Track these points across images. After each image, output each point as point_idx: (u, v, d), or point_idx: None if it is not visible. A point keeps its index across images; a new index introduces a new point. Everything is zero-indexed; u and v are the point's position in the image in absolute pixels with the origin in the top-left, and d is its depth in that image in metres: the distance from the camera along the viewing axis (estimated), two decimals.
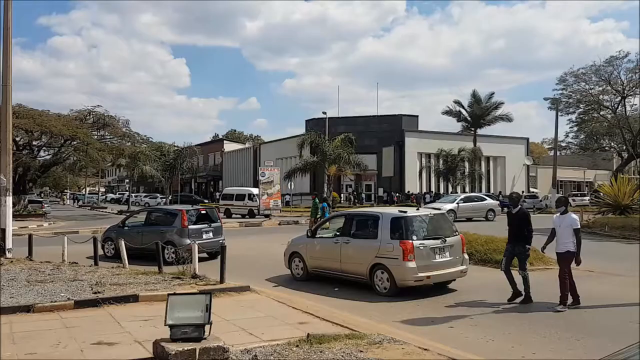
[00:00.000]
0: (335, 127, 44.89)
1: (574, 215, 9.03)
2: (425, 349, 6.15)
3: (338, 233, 11.41)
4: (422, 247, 9.83)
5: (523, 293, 9.31)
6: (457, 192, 46.12)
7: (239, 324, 7.55)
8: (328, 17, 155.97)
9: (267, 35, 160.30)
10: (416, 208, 11.82)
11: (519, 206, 9.66)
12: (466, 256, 10.86)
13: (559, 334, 7.33)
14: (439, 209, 24.01)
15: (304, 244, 11.98)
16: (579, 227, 8.93)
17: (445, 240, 10.21)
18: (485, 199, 33.48)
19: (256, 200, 36.32)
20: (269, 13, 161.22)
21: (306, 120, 55.21)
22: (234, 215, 36.07)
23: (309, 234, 12.08)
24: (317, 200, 20.89)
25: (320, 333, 6.65)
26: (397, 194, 45.45)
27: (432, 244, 10.01)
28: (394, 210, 10.96)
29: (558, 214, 9.24)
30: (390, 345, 6.29)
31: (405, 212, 10.51)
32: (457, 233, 10.76)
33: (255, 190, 37.27)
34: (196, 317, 5.58)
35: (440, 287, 10.53)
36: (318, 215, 19.86)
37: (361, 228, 11.02)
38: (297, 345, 6.16)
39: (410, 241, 9.77)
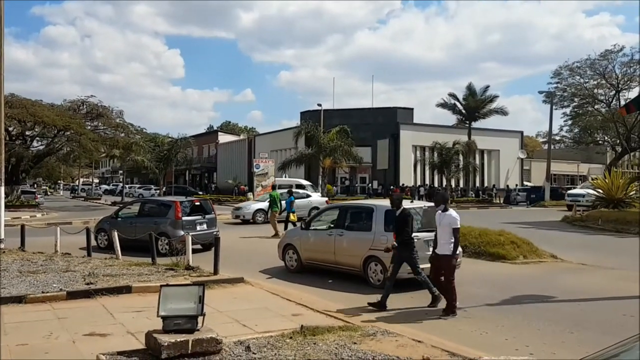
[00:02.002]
0: (331, 120, 44.77)
1: (454, 214, 8.16)
2: (419, 341, 6.15)
3: (332, 225, 11.41)
4: (415, 240, 9.81)
5: (436, 294, 8.53)
6: (451, 185, 46.28)
7: (232, 316, 7.53)
8: (324, 9, 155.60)
9: (262, 27, 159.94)
10: (410, 201, 11.80)
11: (401, 208, 8.95)
12: (460, 249, 10.83)
13: (553, 327, 7.35)
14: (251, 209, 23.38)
15: (298, 236, 11.98)
16: (459, 226, 8.08)
17: None
18: (310, 195, 28.72)
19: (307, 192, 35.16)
20: (264, 5, 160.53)
21: (301, 113, 55.13)
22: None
23: (303, 226, 12.06)
24: (275, 193, 20.12)
25: (314, 325, 6.63)
26: (397, 186, 45.39)
27: (425, 237, 9.99)
28: (388, 203, 10.95)
29: (439, 212, 8.36)
30: (383, 337, 6.29)
31: None
32: None
33: (303, 181, 35.65)
34: (189, 309, 5.55)
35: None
36: (275, 209, 19.30)
37: (355, 220, 11.04)
38: (291, 337, 6.14)
39: None
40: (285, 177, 39.20)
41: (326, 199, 30.20)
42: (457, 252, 8.28)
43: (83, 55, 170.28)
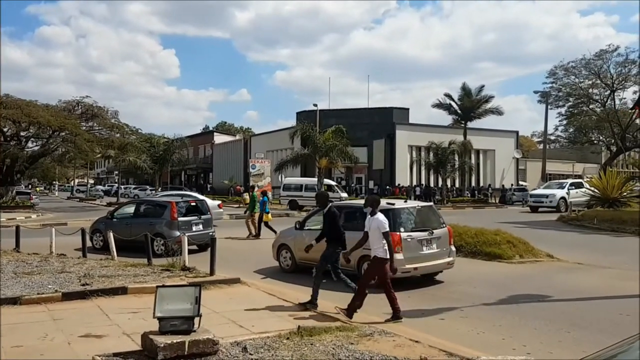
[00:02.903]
0: (327, 120, 44.74)
1: (382, 217, 7.88)
2: (416, 341, 6.13)
3: None
4: (409, 239, 9.89)
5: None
6: (447, 185, 46.30)
7: (228, 316, 7.50)
8: (320, 9, 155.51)
9: (258, 26, 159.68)
10: (404, 200, 11.81)
11: (328, 205, 8.79)
12: (453, 248, 10.94)
13: (549, 326, 7.35)
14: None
15: (292, 236, 11.97)
16: (387, 230, 7.73)
17: (433, 232, 10.30)
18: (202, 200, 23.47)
19: (337, 192, 34.51)
20: (260, 4, 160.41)
21: (297, 113, 55.09)
22: (305, 208, 33.71)
23: (297, 226, 12.06)
24: (254, 194, 20.00)
25: (310, 325, 6.62)
26: (396, 186, 45.33)
27: (419, 236, 10.07)
28: (382, 203, 10.97)
29: (369, 216, 8.07)
30: (381, 337, 6.28)
31: (393, 204, 10.54)
32: (444, 225, 10.85)
33: (332, 182, 35.55)
34: (185, 310, 5.53)
35: (428, 279, 10.60)
36: (255, 210, 19.04)
37: (349, 220, 11.01)
38: (288, 338, 6.12)
39: (398, 233, 9.82)
40: (281, 178, 39.13)
41: (219, 202, 26.62)
42: (398, 258, 7.96)
43: (78, 55, 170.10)
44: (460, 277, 10.85)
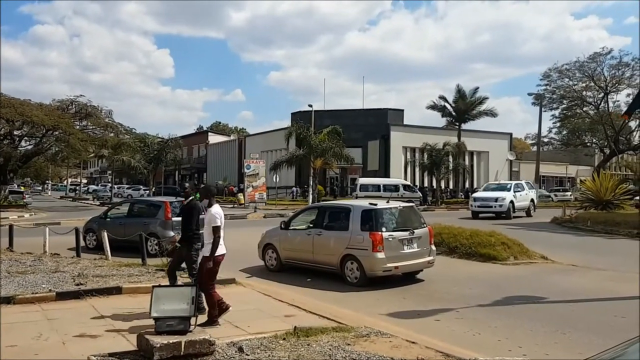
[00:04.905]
0: (321, 120, 44.77)
1: (214, 210, 7.14)
2: (413, 342, 6.12)
3: (311, 225, 11.54)
4: (391, 239, 10.03)
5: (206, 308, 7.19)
6: (441, 186, 46.38)
7: (224, 317, 7.46)
8: (314, 9, 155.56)
9: (252, 26, 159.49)
10: (386, 200, 11.84)
11: (190, 197, 8.04)
12: (433, 247, 11.10)
13: (545, 328, 7.35)
14: None
15: (278, 236, 12.03)
16: (218, 224, 7.01)
17: (414, 232, 10.45)
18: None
19: (415, 191, 34.39)
20: (255, 4, 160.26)
21: (292, 113, 55.13)
22: None
23: (282, 226, 12.09)
24: (197, 195, 19.32)
25: (307, 326, 6.60)
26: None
27: (400, 236, 10.20)
28: (364, 203, 11.08)
29: (206, 208, 7.36)
30: (377, 338, 6.26)
31: (376, 204, 10.62)
32: (425, 225, 10.97)
33: (407, 182, 35.85)
34: (182, 310, 5.51)
35: (412, 279, 10.74)
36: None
37: (333, 220, 11.17)
38: (284, 338, 6.10)
39: (380, 233, 9.98)
40: (276, 178, 39.10)
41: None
42: (220, 253, 7.11)
43: (72, 54, 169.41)
44: (456, 279, 10.87)
